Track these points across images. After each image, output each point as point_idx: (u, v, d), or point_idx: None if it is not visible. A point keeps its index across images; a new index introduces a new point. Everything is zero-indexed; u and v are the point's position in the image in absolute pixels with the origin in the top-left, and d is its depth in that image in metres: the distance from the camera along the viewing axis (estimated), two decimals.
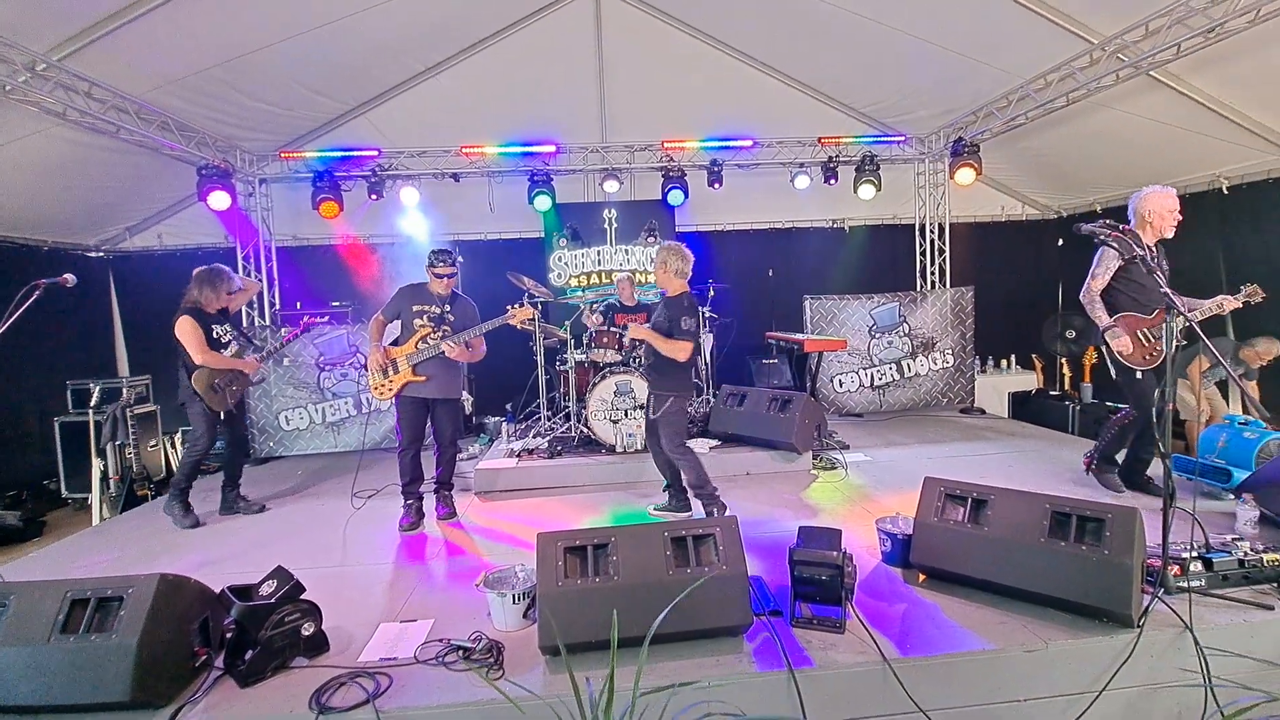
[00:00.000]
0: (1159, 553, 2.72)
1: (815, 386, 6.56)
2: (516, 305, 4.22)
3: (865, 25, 5.63)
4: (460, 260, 4.51)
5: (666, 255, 3.88)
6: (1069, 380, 7.53)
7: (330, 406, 6.46)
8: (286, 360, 6.27)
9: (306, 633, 2.54)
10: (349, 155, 7.08)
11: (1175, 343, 2.81)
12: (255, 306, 7.33)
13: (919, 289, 8.12)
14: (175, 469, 5.19)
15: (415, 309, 4.16)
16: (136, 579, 2.42)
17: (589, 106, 7.17)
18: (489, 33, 6.42)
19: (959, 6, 5.19)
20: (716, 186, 7.45)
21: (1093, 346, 4.00)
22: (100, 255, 7.47)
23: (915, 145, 7.82)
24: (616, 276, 7.22)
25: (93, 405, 5.99)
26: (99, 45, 4.56)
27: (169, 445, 6.53)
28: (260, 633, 2.43)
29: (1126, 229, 3.19)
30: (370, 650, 2.63)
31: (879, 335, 7.11)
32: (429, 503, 4.38)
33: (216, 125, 6.30)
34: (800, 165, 7.60)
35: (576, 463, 5.09)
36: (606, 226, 7.65)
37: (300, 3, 5.05)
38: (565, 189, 7.64)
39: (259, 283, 5.75)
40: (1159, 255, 3.80)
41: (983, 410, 7.32)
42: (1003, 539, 2.78)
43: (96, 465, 5.68)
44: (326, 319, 6.89)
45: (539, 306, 5.77)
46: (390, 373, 4.13)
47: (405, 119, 7.04)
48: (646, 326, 4.01)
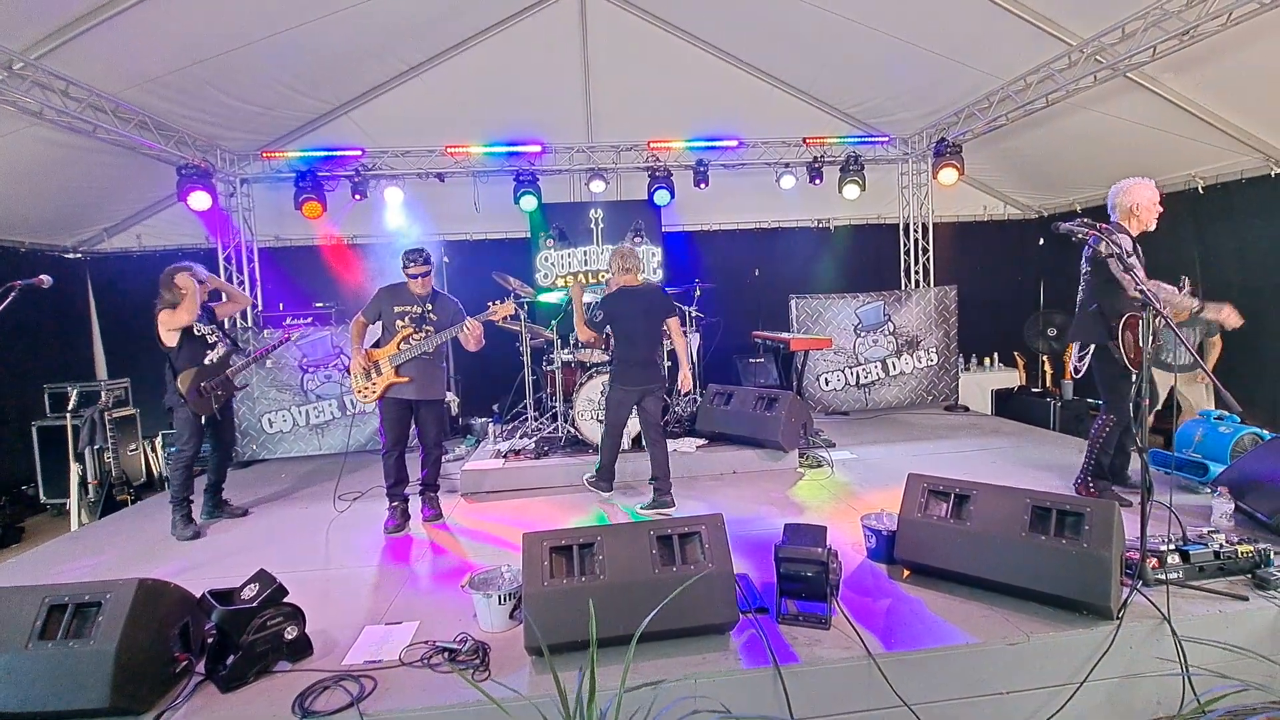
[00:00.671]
0: (1137, 546, 2.77)
1: (801, 385, 6.60)
2: (497, 302, 4.22)
3: (849, 27, 5.67)
4: (446, 260, 4.48)
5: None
6: (1050, 377, 7.64)
7: (314, 408, 6.40)
8: (270, 362, 6.20)
9: (289, 636, 2.52)
10: (332, 155, 7.00)
11: (1152, 340, 2.85)
12: None
13: (903, 288, 8.18)
14: (167, 479, 5.05)
15: (397, 310, 4.14)
16: (115, 584, 2.38)
17: (575, 106, 7.15)
18: (474, 31, 6.39)
19: (941, 9, 5.24)
20: (703, 186, 7.46)
21: (1071, 345, 3.94)
22: (78, 256, 7.34)
23: (899, 146, 7.89)
24: (604, 276, 7.22)
25: (70, 409, 5.89)
26: (76, 44, 4.49)
27: (149, 449, 6.43)
28: (242, 637, 2.40)
29: (1104, 226, 3.22)
30: (355, 653, 2.61)
31: (864, 334, 7.17)
32: (414, 505, 4.35)
33: (196, 124, 6.21)
34: (785, 165, 7.64)
35: (563, 463, 5.08)
36: (593, 227, 7.64)
37: (279, 1, 5.00)
38: (551, 189, 7.62)
39: (249, 298, 5.68)
40: (1136, 250, 3.71)
41: (966, 408, 7.39)
42: (985, 534, 2.82)
43: (75, 470, 5.59)
44: (310, 320, 6.83)
45: (525, 307, 5.75)
46: (374, 375, 4.10)
47: (389, 118, 6.97)
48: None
